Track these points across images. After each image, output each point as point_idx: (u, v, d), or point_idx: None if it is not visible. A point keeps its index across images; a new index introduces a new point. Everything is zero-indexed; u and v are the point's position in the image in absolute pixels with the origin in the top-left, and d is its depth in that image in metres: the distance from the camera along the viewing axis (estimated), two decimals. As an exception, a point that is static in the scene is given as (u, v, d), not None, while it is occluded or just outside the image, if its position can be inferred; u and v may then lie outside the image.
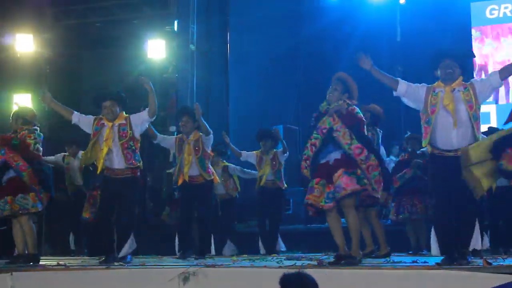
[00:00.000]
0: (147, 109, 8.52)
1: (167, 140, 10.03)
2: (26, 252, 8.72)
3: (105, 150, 8.40)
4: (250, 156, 11.31)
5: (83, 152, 10.88)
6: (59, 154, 11.28)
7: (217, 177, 10.07)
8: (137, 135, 8.52)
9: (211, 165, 9.96)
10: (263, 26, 15.68)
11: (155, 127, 11.12)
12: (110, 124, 8.45)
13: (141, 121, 8.53)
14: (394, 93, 7.26)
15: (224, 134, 11.40)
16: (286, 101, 15.98)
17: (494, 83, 6.97)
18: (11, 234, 9.19)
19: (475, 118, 6.80)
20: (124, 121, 8.48)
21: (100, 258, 8.55)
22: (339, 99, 7.42)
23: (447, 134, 6.84)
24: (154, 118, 8.65)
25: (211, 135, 9.61)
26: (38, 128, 8.87)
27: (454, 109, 6.77)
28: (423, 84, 7.15)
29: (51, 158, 11.18)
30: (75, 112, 8.74)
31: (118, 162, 8.42)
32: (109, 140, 8.39)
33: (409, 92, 7.18)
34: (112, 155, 8.42)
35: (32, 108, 9.51)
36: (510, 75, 7.18)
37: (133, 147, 8.46)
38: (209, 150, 9.70)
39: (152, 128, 9.51)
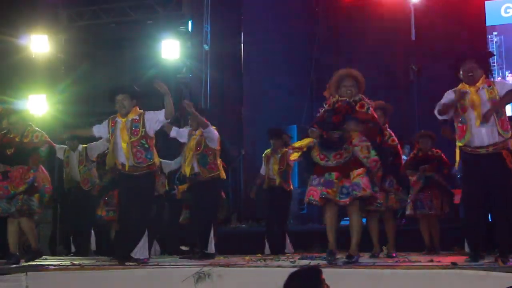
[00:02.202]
0: (163, 110, 8.46)
1: (182, 134, 9.87)
2: (17, 250, 8.90)
3: (124, 146, 8.40)
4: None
5: (83, 146, 10.97)
6: (59, 147, 11.11)
7: (223, 173, 9.87)
8: (151, 133, 8.44)
9: None
10: (276, 26, 15.67)
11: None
12: (124, 120, 8.43)
13: (156, 120, 8.43)
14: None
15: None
16: (300, 100, 15.96)
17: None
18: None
19: (500, 114, 6.96)
20: (137, 117, 8.39)
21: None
22: (355, 95, 7.50)
23: (477, 132, 6.99)
24: (169, 120, 8.59)
25: (209, 128, 9.34)
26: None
27: (479, 110, 6.93)
28: (450, 90, 7.24)
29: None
30: (93, 126, 8.79)
31: (128, 160, 8.40)
32: (125, 136, 8.38)
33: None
34: (128, 152, 8.39)
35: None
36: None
37: (146, 145, 8.40)
38: (214, 146, 9.51)
39: (202, 118, 9.35)
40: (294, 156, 7.86)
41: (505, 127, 6.97)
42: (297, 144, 7.73)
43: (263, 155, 11.21)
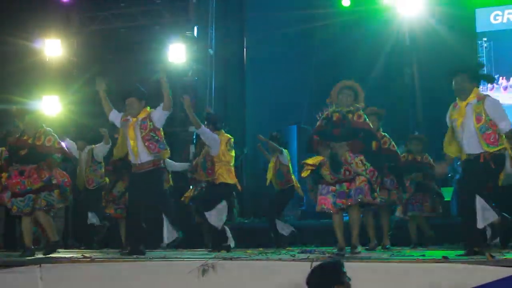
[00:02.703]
0: (161, 104, 8.56)
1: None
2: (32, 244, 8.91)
3: (132, 143, 8.48)
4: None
5: (91, 146, 10.98)
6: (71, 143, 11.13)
7: (225, 177, 9.86)
8: (158, 125, 8.57)
9: None
10: (278, 31, 15.67)
11: (175, 127, 11.21)
12: (134, 119, 8.51)
13: (158, 115, 8.56)
14: None
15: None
16: (300, 102, 15.96)
17: (501, 127, 7.08)
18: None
19: (482, 130, 6.98)
20: (145, 115, 8.55)
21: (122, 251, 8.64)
22: (350, 105, 7.76)
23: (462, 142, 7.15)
24: (169, 111, 8.63)
25: (202, 129, 9.39)
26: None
27: (461, 123, 7.07)
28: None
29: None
30: (113, 110, 8.90)
31: (143, 156, 8.49)
32: (132, 133, 8.46)
33: None
34: (137, 150, 8.49)
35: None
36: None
37: (156, 137, 8.51)
38: (213, 153, 9.51)
39: (195, 118, 9.40)
40: (305, 173, 7.98)
41: (489, 141, 7.00)
42: (310, 161, 7.84)
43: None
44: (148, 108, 8.66)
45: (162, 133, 8.66)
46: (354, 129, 7.66)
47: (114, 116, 8.87)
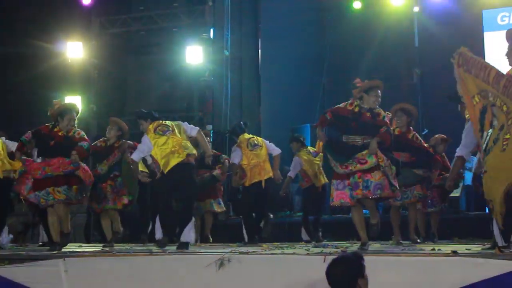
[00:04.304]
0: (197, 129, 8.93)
1: None
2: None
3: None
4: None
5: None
6: None
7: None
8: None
9: None
10: (291, 33, 15.66)
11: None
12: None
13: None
14: None
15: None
16: (313, 101, 15.94)
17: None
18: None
19: None
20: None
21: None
22: (376, 106, 7.60)
23: None
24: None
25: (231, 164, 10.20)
26: None
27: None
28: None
29: None
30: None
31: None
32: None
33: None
34: None
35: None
36: None
37: None
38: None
39: None
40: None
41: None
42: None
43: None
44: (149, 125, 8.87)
45: None
46: (374, 126, 7.49)
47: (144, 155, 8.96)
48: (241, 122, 10.60)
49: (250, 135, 10.36)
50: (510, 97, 6.04)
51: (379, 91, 7.63)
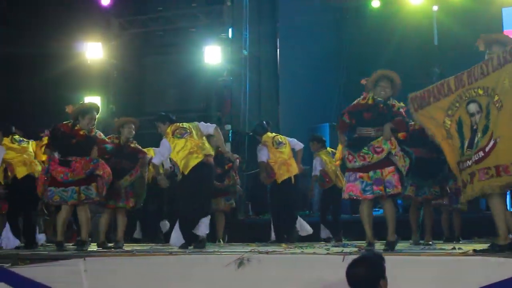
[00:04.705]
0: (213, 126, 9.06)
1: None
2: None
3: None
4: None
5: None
6: None
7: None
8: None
9: None
10: (309, 31, 15.65)
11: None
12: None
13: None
14: None
15: None
16: (331, 100, 15.92)
17: None
18: None
19: None
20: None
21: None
22: (388, 97, 7.49)
23: None
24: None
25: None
26: None
27: None
28: None
29: None
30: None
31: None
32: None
33: None
34: None
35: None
36: None
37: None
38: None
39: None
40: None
41: None
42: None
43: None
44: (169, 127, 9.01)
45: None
46: (388, 117, 7.38)
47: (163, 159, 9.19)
48: (263, 122, 10.72)
49: (274, 133, 10.53)
50: (478, 80, 6.36)
51: (389, 81, 7.51)
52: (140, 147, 9.82)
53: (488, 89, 6.29)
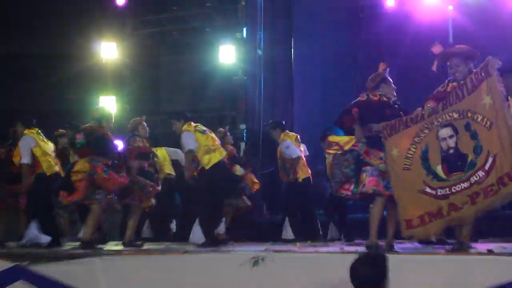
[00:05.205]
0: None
1: None
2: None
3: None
4: None
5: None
6: None
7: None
8: None
9: None
10: (324, 31, 15.64)
11: (226, 125, 11.30)
12: None
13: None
14: None
15: None
16: (346, 100, 15.85)
17: None
18: None
19: None
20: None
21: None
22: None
23: None
24: None
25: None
26: None
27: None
28: None
29: None
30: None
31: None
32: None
33: None
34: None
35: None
36: None
37: None
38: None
39: None
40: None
41: None
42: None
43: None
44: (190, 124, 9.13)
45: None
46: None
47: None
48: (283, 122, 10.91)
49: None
50: (452, 104, 6.64)
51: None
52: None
53: (464, 111, 6.55)
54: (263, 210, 13.57)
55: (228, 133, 11.04)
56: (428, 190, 6.70)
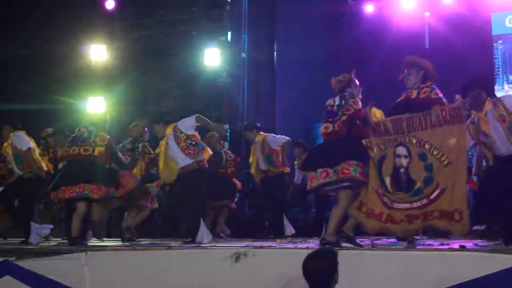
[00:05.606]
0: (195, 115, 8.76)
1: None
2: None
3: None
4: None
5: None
6: None
7: None
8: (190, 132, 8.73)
9: None
10: (306, 36, 15.63)
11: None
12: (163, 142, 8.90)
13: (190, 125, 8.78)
14: None
15: None
16: (326, 102, 15.85)
17: None
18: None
19: (510, 129, 6.78)
20: (171, 132, 8.74)
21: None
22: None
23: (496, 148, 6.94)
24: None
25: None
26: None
27: (490, 130, 6.84)
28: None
29: None
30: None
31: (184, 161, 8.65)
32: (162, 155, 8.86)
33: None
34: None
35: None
36: None
37: (193, 142, 8.58)
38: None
39: None
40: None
41: None
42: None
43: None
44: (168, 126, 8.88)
45: (198, 137, 8.80)
46: None
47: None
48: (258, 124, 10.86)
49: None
50: (416, 129, 6.70)
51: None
52: None
53: (422, 141, 6.66)
54: (245, 207, 13.53)
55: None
56: (378, 190, 6.85)
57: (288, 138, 10.68)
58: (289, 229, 10.53)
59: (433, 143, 6.61)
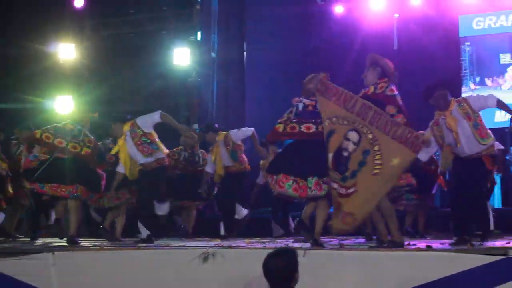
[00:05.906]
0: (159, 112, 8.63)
1: None
2: None
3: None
4: None
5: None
6: None
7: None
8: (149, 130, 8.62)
9: None
10: (275, 36, 15.65)
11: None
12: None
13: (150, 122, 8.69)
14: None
15: None
16: (296, 101, 15.88)
17: (490, 105, 7.08)
18: None
19: (475, 126, 6.90)
20: (129, 128, 8.62)
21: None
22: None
23: (460, 149, 7.02)
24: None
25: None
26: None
27: (457, 131, 6.92)
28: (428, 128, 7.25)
29: None
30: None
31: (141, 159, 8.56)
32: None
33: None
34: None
35: None
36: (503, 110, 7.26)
37: (148, 140, 8.53)
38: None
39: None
40: None
41: (483, 135, 6.95)
42: None
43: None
44: (126, 124, 8.71)
45: (155, 136, 8.72)
46: None
47: None
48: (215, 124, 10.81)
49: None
50: (378, 128, 6.58)
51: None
52: None
53: (376, 141, 6.60)
54: (214, 207, 13.49)
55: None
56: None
57: (252, 128, 10.58)
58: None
59: (383, 150, 6.56)
